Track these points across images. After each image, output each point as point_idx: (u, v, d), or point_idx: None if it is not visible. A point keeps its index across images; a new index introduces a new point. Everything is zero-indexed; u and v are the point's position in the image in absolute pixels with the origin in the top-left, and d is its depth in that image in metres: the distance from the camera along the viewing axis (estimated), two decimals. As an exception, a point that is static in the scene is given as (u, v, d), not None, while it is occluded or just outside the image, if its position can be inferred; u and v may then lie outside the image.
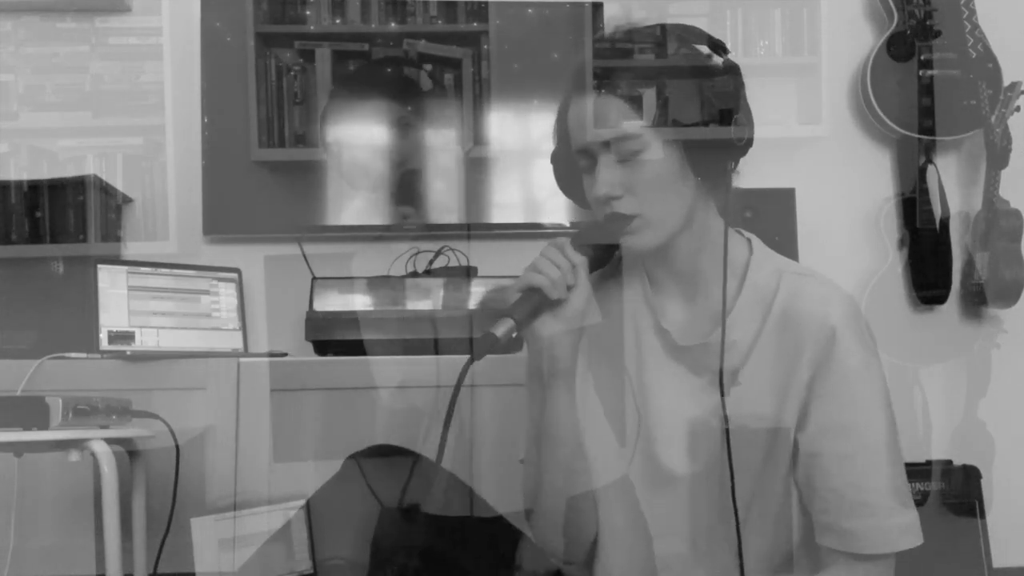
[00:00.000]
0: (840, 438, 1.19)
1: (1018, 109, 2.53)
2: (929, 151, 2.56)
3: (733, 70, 1.23)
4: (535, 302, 1.17)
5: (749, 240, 1.29)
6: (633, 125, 1.18)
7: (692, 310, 1.27)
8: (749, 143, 1.24)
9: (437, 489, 1.43)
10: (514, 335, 1.17)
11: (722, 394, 1.21)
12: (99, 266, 2.10)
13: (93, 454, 1.53)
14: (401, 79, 2.41)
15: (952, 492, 2.46)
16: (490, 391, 1.90)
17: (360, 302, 2.19)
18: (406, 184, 2.42)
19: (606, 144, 1.20)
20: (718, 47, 1.23)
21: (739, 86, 1.23)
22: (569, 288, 1.18)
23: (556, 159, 1.31)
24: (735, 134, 1.21)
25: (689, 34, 1.24)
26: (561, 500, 1.27)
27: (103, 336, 2.06)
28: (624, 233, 1.21)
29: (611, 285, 1.33)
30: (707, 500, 1.24)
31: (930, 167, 2.56)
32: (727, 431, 1.20)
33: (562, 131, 1.28)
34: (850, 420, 1.19)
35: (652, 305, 1.29)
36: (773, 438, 1.21)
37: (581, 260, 1.19)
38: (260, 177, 2.42)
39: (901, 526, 1.19)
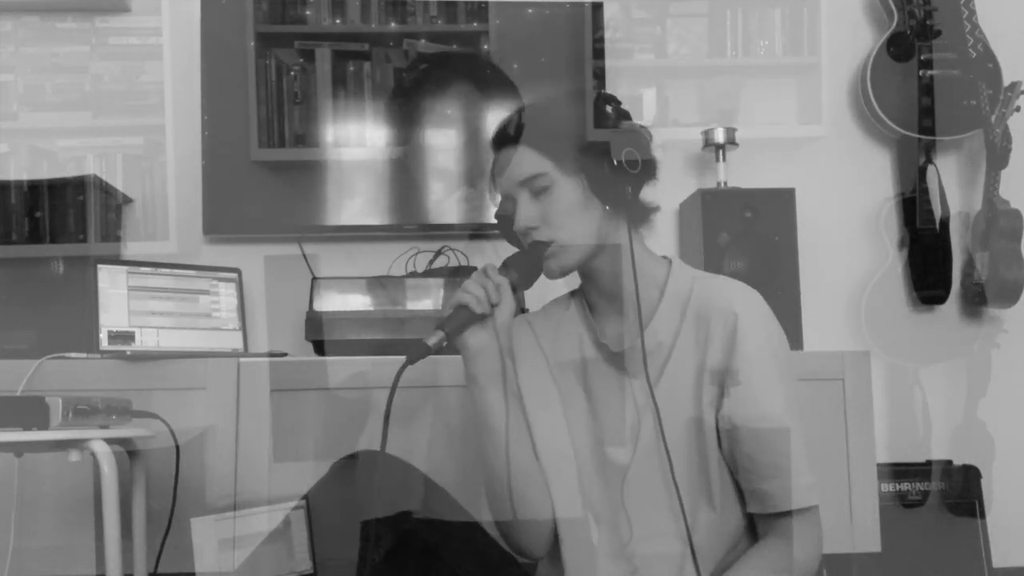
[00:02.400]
0: (751, 409, 1.36)
1: (1018, 109, 2.53)
2: (929, 151, 2.56)
3: (623, 115, 1.45)
4: (463, 317, 1.37)
5: (669, 260, 1.49)
6: (539, 166, 1.39)
7: (623, 323, 1.46)
8: (646, 173, 1.42)
9: (418, 492, 1.53)
10: (444, 344, 1.36)
11: (651, 389, 1.39)
12: (99, 266, 2.10)
13: (93, 454, 1.52)
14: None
15: (952, 492, 2.46)
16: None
17: (360, 302, 2.19)
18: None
19: (521, 185, 1.41)
20: (609, 100, 1.46)
21: (624, 125, 1.44)
22: (494, 306, 1.38)
23: (498, 214, 1.50)
24: (628, 164, 1.39)
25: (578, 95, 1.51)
26: (508, 488, 1.43)
27: (103, 336, 2.06)
28: (545, 257, 1.41)
29: (561, 314, 1.54)
30: (652, 485, 1.40)
31: (930, 167, 2.56)
32: (660, 421, 1.38)
33: (493, 187, 1.49)
34: (758, 392, 1.36)
35: (591, 326, 1.49)
36: (701, 420, 1.39)
37: (503, 281, 1.39)
38: (260, 177, 2.42)
39: (806, 485, 1.35)
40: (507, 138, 1.43)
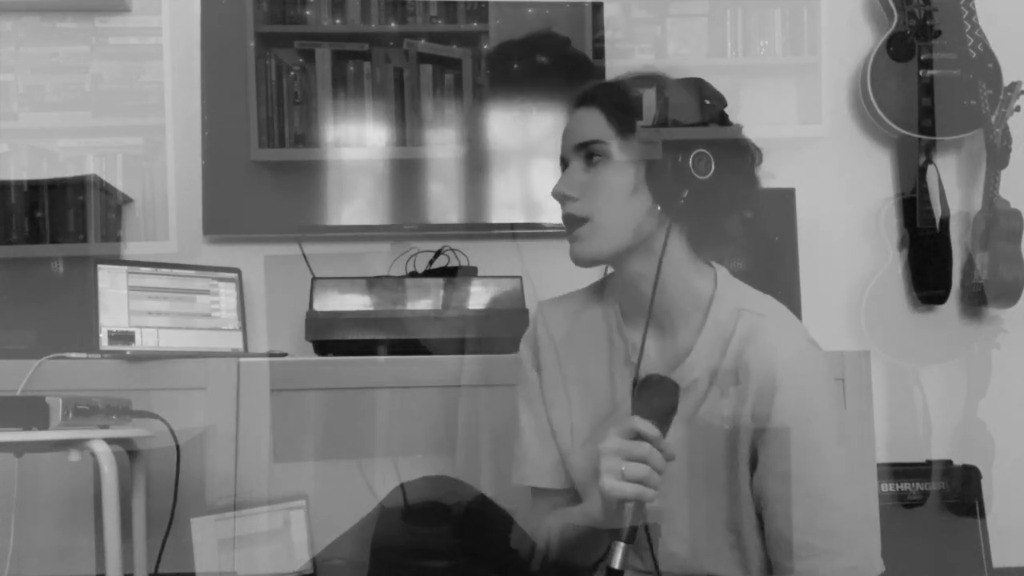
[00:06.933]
0: (781, 484, 1.23)
1: (1018, 109, 2.53)
2: (929, 151, 2.56)
3: (722, 118, 1.29)
4: (638, 513, 1.14)
5: (715, 272, 1.32)
6: (600, 132, 1.26)
7: (660, 345, 1.30)
8: (718, 180, 1.25)
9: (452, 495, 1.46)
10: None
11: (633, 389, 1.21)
12: (99, 266, 2.10)
13: (93, 454, 1.52)
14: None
15: (952, 492, 2.46)
16: (496, 391, 1.90)
17: (360, 302, 2.19)
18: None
19: (578, 149, 1.28)
20: (717, 97, 1.30)
21: (728, 128, 1.29)
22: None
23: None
24: (695, 167, 1.23)
25: (688, 83, 1.32)
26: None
27: (103, 336, 2.06)
28: (572, 238, 1.27)
29: (589, 316, 1.38)
30: (677, 524, 1.27)
31: (930, 167, 2.56)
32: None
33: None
34: (790, 468, 1.22)
35: (624, 337, 1.33)
36: (733, 475, 1.26)
37: (670, 449, 1.15)
38: (260, 177, 2.42)
39: (844, 568, 1.22)
40: (581, 99, 1.30)
